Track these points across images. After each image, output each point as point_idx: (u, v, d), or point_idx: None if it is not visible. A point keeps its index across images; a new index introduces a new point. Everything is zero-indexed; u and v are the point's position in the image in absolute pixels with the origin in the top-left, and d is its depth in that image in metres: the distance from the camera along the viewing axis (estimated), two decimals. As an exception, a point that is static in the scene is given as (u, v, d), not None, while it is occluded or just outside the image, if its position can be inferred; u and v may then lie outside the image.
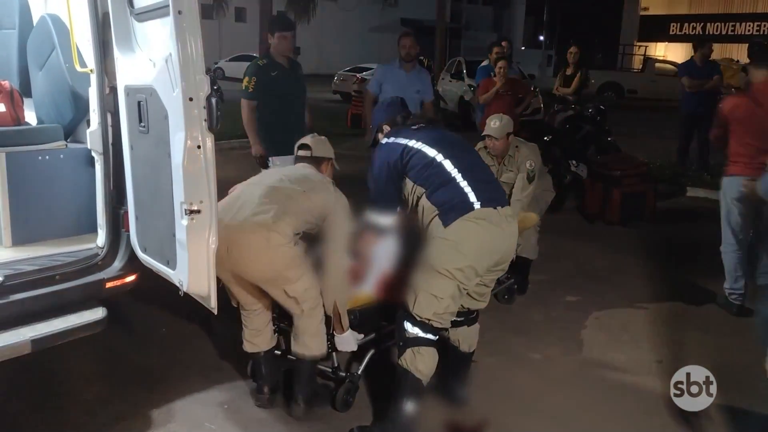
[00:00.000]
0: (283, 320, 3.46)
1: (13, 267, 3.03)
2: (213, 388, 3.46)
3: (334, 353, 3.40)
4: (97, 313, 3.08)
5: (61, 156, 3.42)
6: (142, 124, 2.90)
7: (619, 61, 27.85)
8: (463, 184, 3.04)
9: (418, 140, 3.15)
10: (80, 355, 3.63)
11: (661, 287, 5.17)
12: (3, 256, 3.17)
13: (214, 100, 2.59)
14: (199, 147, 2.60)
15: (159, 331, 4.07)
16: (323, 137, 3.67)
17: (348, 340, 3.31)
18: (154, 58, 2.79)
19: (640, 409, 3.46)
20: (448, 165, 3.07)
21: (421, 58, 14.52)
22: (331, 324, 3.30)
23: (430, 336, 3.01)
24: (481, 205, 3.00)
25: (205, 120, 2.59)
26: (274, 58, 4.90)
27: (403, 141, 3.17)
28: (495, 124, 4.57)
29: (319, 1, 27.20)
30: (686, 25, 27.07)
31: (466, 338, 3.40)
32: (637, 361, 3.98)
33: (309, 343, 3.23)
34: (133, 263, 3.24)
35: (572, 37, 11.97)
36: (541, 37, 43.62)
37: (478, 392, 3.51)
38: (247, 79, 4.81)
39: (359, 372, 3.40)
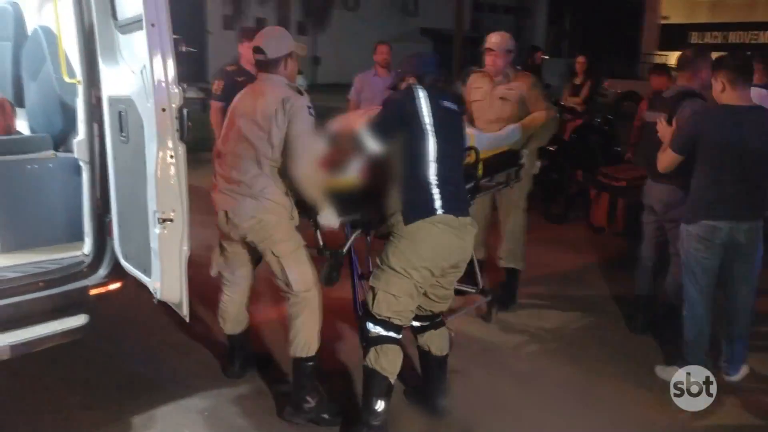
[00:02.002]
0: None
1: (-3, 273, 3.10)
2: (194, 396, 3.49)
3: (318, 232, 3.46)
4: (80, 320, 3.13)
5: (50, 165, 3.49)
6: (123, 134, 2.97)
7: (640, 70, 27.61)
8: (435, 191, 3.08)
9: (433, 124, 3.10)
10: (66, 362, 3.67)
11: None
12: (-11, 263, 3.24)
13: (185, 111, 2.63)
14: (171, 157, 2.65)
15: (144, 340, 4.10)
16: (278, 29, 3.58)
17: (328, 217, 3.32)
18: (133, 69, 2.85)
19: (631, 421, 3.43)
20: (432, 169, 3.09)
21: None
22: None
23: (392, 334, 3.09)
24: (444, 213, 3.06)
25: (177, 130, 2.64)
26: (242, 65, 5.09)
27: (425, 109, 3.12)
28: (496, 38, 4.64)
29: (338, 11, 27.39)
30: (707, 33, 26.78)
31: (434, 342, 3.40)
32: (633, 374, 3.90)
33: (300, 339, 3.29)
34: (118, 271, 3.30)
35: (592, 47, 11.96)
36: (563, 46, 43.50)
37: (459, 402, 3.50)
38: (216, 83, 5.12)
39: (344, 250, 3.53)
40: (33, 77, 3.69)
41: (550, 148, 7.47)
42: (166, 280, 2.75)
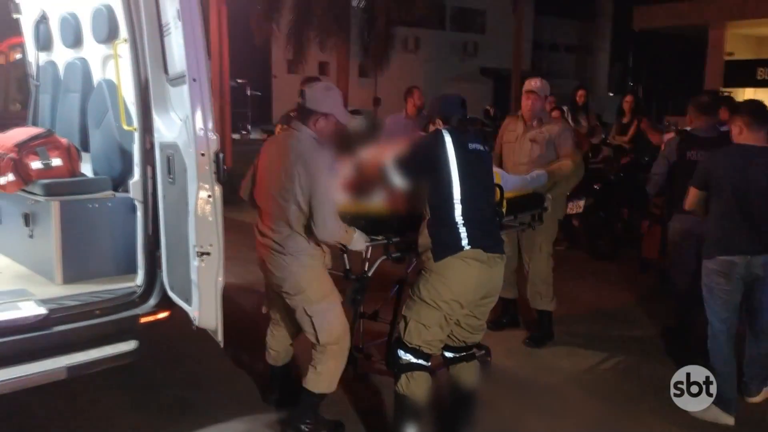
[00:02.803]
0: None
1: (59, 302, 3.42)
2: (233, 420, 3.72)
3: (345, 255, 3.61)
4: (130, 345, 3.42)
5: (109, 204, 3.84)
6: (171, 176, 3.28)
7: (704, 107, 27.06)
8: (462, 229, 3.24)
9: (458, 166, 3.26)
10: (121, 386, 3.99)
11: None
12: (52, 292, 3.58)
13: (221, 156, 2.92)
14: (209, 196, 2.94)
15: (192, 368, 4.37)
16: (332, 87, 3.58)
17: (357, 240, 3.43)
18: (180, 118, 3.18)
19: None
20: (458, 210, 3.25)
21: (487, 107, 14.75)
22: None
23: (421, 362, 3.28)
24: (471, 247, 3.21)
25: (215, 173, 2.93)
26: None
27: (450, 154, 3.28)
28: (536, 83, 4.84)
29: (399, 53, 27.99)
30: (775, 69, 26.10)
31: (465, 374, 3.51)
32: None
33: (319, 379, 3.44)
34: (167, 301, 3.58)
35: (655, 84, 11.86)
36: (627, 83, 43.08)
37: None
38: (278, 127, 5.36)
39: (369, 274, 3.67)
40: (97, 125, 4.08)
41: (596, 186, 7.56)
42: (203, 309, 3.02)
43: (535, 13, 38.81)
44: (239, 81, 23.57)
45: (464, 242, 3.21)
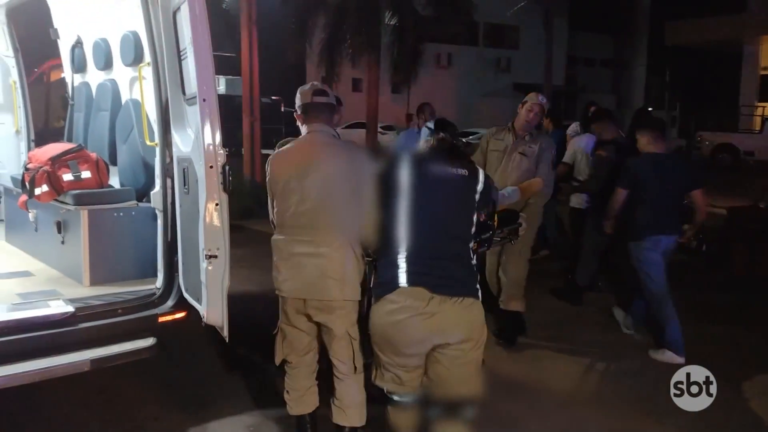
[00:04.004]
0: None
1: (85, 301, 3.76)
2: (244, 413, 4.00)
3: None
4: (148, 342, 3.72)
5: (133, 213, 4.18)
6: (185, 186, 3.60)
7: (739, 122, 26.79)
8: (402, 264, 2.86)
9: (409, 195, 2.93)
10: (140, 380, 4.31)
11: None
12: (80, 293, 3.93)
13: (227, 168, 3.23)
14: (216, 204, 3.24)
15: (209, 366, 4.67)
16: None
17: None
18: (194, 134, 3.50)
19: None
20: (401, 243, 2.89)
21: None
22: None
23: (399, 398, 3.07)
24: (409, 285, 2.83)
25: (221, 183, 3.24)
26: None
27: (401, 180, 2.95)
28: (543, 98, 5.03)
29: (432, 69, 28.33)
30: (813, 83, 25.74)
31: None
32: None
33: (350, 413, 3.34)
34: (183, 302, 3.89)
35: (692, 98, 11.84)
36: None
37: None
38: None
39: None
40: (123, 140, 4.45)
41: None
42: (211, 307, 3.31)
43: (570, 28, 38.82)
44: (273, 98, 24.12)
45: (401, 279, 2.83)
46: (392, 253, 2.90)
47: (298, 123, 3.39)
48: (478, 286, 2.96)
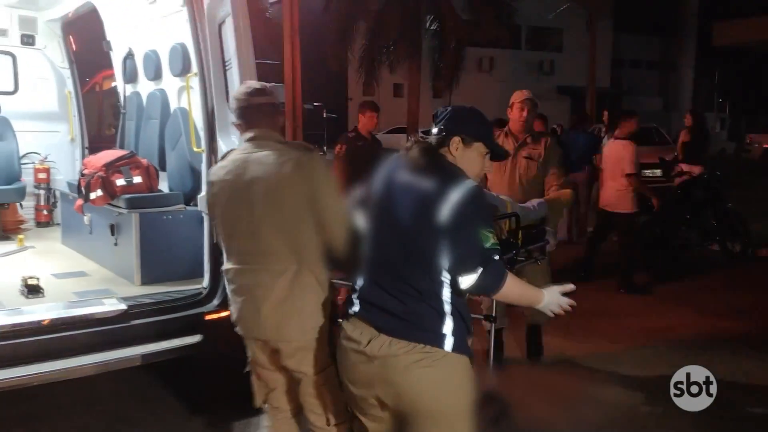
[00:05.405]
0: None
1: (137, 300, 3.97)
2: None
3: None
4: (195, 339, 3.90)
5: (181, 216, 4.39)
6: (230, 191, 3.77)
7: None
8: (360, 279, 2.40)
9: (379, 185, 2.47)
10: (189, 376, 4.50)
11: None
12: (132, 292, 4.14)
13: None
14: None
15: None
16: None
17: None
18: (238, 141, 3.67)
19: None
20: (363, 264, 2.43)
21: (555, 126, 14.94)
22: None
23: None
24: (358, 317, 2.34)
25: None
26: (360, 132, 5.93)
27: (381, 171, 2.50)
28: (529, 93, 4.54)
29: (473, 73, 28.33)
30: None
31: None
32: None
33: None
34: (228, 301, 4.08)
35: (741, 101, 11.72)
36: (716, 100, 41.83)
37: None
38: (338, 146, 5.95)
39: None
40: (172, 147, 4.67)
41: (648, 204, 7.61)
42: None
43: (614, 30, 38.32)
44: (315, 104, 24.45)
45: (355, 305, 2.36)
46: (358, 271, 2.43)
47: (239, 133, 2.88)
48: (447, 332, 2.22)
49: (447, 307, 2.23)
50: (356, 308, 2.34)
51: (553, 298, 2.40)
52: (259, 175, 2.63)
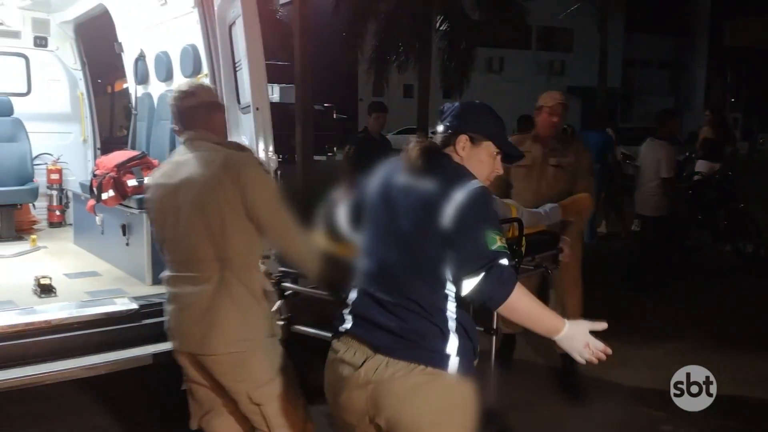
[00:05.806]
0: None
1: (148, 299, 3.98)
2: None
3: None
4: (205, 338, 3.94)
5: (192, 216, 4.41)
6: (240, 191, 3.79)
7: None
8: (353, 293, 2.16)
9: (371, 209, 2.21)
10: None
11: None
12: (143, 291, 4.15)
13: (279, 173, 3.41)
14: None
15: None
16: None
17: None
18: (248, 141, 3.70)
19: None
20: (356, 275, 2.18)
21: (565, 127, 14.92)
22: None
23: None
24: (350, 331, 2.10)
25: (274, 187, 3.41)
26: (369, 132, 5.90)
27: (370, 189, 2.23)
28: (556, 95, 4.26)
29: (483, 74, 28.34)
30: None
31: None
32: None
33: None
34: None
35: (756, 100, 11.64)
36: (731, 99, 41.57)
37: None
38: (347, 147, 5.99)
39: None
40: (184, 148, 4.69)
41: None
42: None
43: (626, 29, 38.19)
44: (326, 105, 24.54)
45: (347, 321, 2.12)
46: (351, 283, 2.19)
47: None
48: (451, 351, 2.00)
49: (451, 324, 2.01)
50: (348, 325, 2.10)
51: (578, 335, 2.03)
52: (186, 177, 2.52)
